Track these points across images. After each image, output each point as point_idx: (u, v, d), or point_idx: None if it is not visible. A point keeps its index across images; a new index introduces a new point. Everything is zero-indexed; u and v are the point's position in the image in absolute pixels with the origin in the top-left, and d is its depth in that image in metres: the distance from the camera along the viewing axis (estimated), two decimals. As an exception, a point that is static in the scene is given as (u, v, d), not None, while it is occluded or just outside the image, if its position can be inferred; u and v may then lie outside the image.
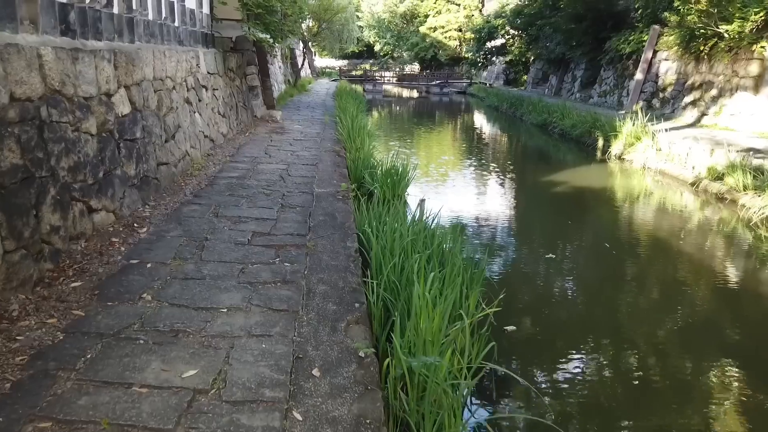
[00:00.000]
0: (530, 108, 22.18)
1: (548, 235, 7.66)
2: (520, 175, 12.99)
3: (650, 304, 5.45)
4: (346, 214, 5.71)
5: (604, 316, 5.11)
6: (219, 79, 10.35)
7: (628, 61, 19.39)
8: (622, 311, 5.27)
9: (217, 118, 9.75)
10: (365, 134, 10.58)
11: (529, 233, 7.82)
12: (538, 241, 7.35)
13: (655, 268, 6.51)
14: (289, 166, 8.03)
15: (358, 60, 61.28)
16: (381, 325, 3.74)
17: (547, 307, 5.21)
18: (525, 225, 8.33)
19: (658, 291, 5.85)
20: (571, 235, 7.72)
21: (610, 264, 6.49)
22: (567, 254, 6.78)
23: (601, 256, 6.72)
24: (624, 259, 6.68)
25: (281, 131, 11.78)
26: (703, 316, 5.19)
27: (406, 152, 14.60)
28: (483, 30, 35.05)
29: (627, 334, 4.76)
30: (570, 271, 6.27)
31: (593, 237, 7.67)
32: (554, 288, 5.77)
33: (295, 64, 26.83)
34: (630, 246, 7.21)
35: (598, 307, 5.34)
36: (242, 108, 12.20)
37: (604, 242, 7.18)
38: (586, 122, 15.85)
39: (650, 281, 6.08)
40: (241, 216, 5.38)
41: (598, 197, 10.26)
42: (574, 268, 6.35)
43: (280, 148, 9.56)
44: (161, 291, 3.58)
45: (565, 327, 4.82)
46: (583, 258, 6.77)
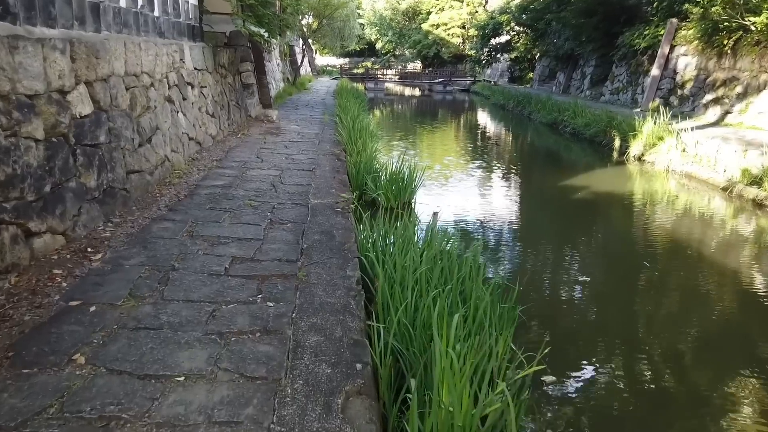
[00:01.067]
0: (539, 106, 21.29)
1: (577, 252, 6.78)
2: (533, 179, 12.10)
3: (727, 348, 4.56)
4: (346, 231, 4.84)
5: (666, 361, 4.22)
6: (208, 76, 9.49)
7: (643, 57, 18.48)
8: (695, 357, 4.37)
9: (204, 119, 8.89)
10: (367, 135, 9.71)
11: (554, 250, 6.94)
12: (567, 260, 6.47)
13: (712, 293, 5.61)
14: (283, 172, 7.15)
15: (360, 58, 60.39)
16: (390, 387, 2.88)
17: (593, 349, 4.32)
18: (548, 240, 7.45)
19: (729, 325, 4.95)
20: (603, 252, 6.84)
21: (654, 288, 5.60)
22: (603, 276, 5.89)
23: (642, 279, 5.83)
24: (669, 282, 5.79)
25: (277, 132, 10.92)
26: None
27: (410, 153, 13.73)
28: (487, 26, 34.13)
29: (721, 400, 3.88)
30: (610, 297, 5.38)
31: (628, 254, 6.77)
32: (597, 320, 4.87)
33: (294, 62, 25.96)
34: (672, 266, 6.32)
35: (656, 347, 4.45)
36: (235, 107, 11.34)
37: (643, 261, 6.29)
38: (601, 121, 14.96)
39: (714, 311, 5.18)
40: (221, 236, 4.51)
41: (624, 205, 9.37)
42: (613, 294, 5.47)
43: (274, 151, 8.69)
44: (100, 349, 2.72)
45: (617, 377, 3.95)
46: (620, 279, 5.89)
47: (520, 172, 12.43)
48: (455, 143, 16.86)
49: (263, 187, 6.30)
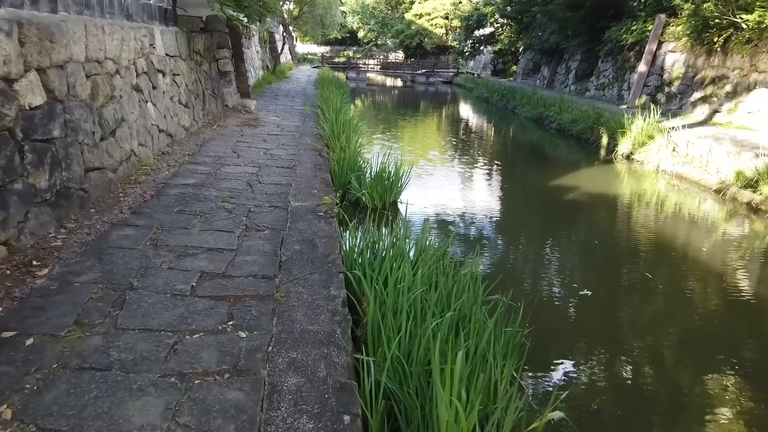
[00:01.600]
0: (524, 100, 20.98)
1: (574, 261, 6.42)
2: (519, 177, 11.76)
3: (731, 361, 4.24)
4: (330, 241, 4.39)
5: (692, 389, 3.87)
6: (181, 63, 8.89)
7: (630, 53, 18.25)
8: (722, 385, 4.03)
9: (177, 109, 8.31)
10: (351, 129, 9.23)
11: (549, 259, 6.58)
12: (563, 271, 6.10)
13: (720, 308, 5.30)
14: (261, 169, 6.65)
15: (341, 47, 59.54)
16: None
17: (601, 376, 3.95)
18: (540, 247, 7.09)
19: (744, 347, 4.64)
20: (601, 261, 6.50)
21: (658, 301, 5.27)
22: (604, 289, 5.53)
23: (645, 291, 5.49)
24: (672, 293, 5.46)
25: (255, 124, 10.36)
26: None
27: (394, 146, 13.29)
28: (471, 17, 33.70)
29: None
30: (615, 313, 5.02)
31: (626, 262, 6.43)
32: (602, 341, 4.50)
33: (274, 49, 25.23)
34: (671, 276, 6.00)
35: (677, 372, 4.10)
36: (211, 96, 10.74)
37: (644, 272, 5.95)
38: (588, 117, 14.67)
39: (724, 329, 4.87)
40: (189, 246, 4.02)
41: (615, 206, 9.07)
42: (619, 309, 5.11)
43: (251, 145, 8.16)
44: (32, 399, 2.24)
45: (635, 410, 3.58)
46: (624, 293, 5.54)
47: (506, 170, 12.07)
48: (439, 137, 16.45)
49: (239, 186, 5.80)
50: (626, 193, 9.93)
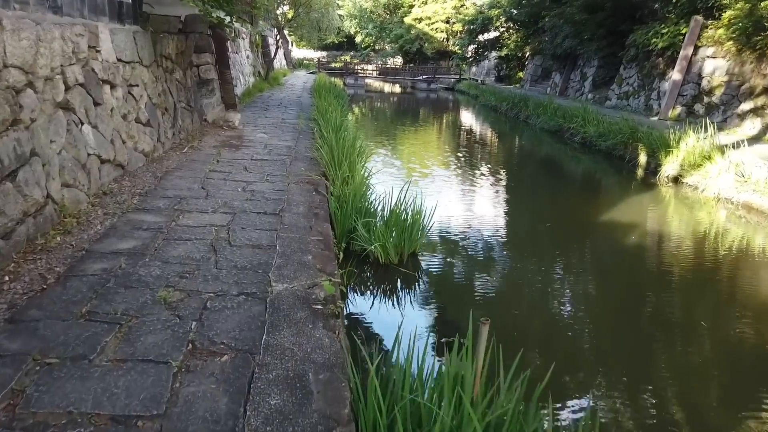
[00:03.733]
0: (539, 110, 19.22)
1: (636, 324, 4.62)
2: (556, 208, 9.94)
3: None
4: (333, 378, 2.57)
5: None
6: (142, 71, 7.07)
7: (659, 59, 16.52)
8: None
9: (133, 130, 6.48)
10: (355, 154, 7.43)
11: (606, 325, 4.78)
12: (625, 339, 4.30)
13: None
14: (234, 219, 4.82)
15: (338, 51, 57.83)
16: None
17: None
18: (593, 304, 5.29)
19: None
20: (665, 320, 4.70)
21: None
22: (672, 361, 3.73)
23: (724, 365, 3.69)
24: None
25: (238, 143, 8.55)
26: None
27: (398, 165, 11.49)
28: (476, 21, 32.00)
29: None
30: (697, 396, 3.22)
31: (692, 320, 4.64)
32: None
33: (267, 54, 23.44)
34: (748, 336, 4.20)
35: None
36: (185, 111, 8.92)
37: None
38: (622, 132, 12.90)
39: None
40: (79, 411, 2.19)
41: (672, 244, 7.27)
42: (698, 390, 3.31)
43: (228, 177, 6.34)
44: None
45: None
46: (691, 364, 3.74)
47: (536, 197, 10.26)
48: (451, 154, 14.66)
49: (197, 253, 3.96)
50: (684, 229, 8.12)
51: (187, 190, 5.62)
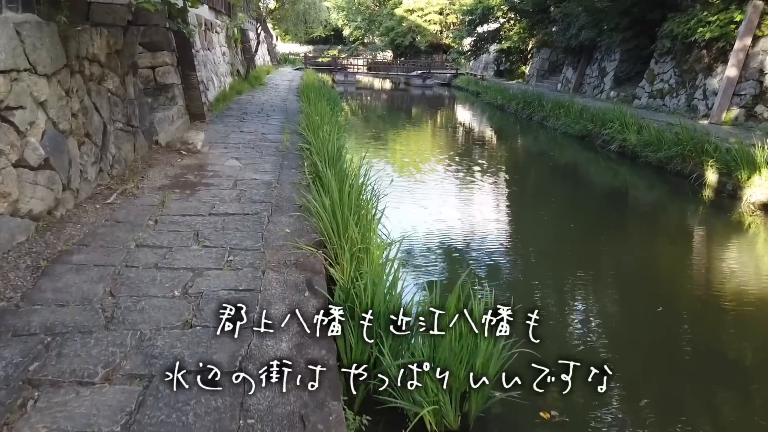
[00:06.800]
0: (559, 111, 16.83)
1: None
2: (606, 244, 7.53)
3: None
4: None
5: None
6: (36, 84, 4.54)
7: (702, 51, 14.19)
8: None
9: (8, 181, 3.99)
10: (368, 205, 4.97)
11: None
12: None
13: None
14: (149, 397, 2.39)
15: (325, 45, 55.14)
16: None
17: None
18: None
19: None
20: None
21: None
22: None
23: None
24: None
25: (196, 180, 6.08)
26: None
27: (405, 186, 9.06)
28: (476, 11, 29.53)
29: None
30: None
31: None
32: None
33: (247, 50, 20.82)
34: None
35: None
36: (122, 133, 6.41)
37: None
38: (680, 142, 10.55)
39: None
40: None
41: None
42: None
43: (163, 260, 3.87)
44: None
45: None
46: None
47: (581, 231, 7.86)
48: (464, 171, 12.23)
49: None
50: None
51: (79, 304, 3.15)
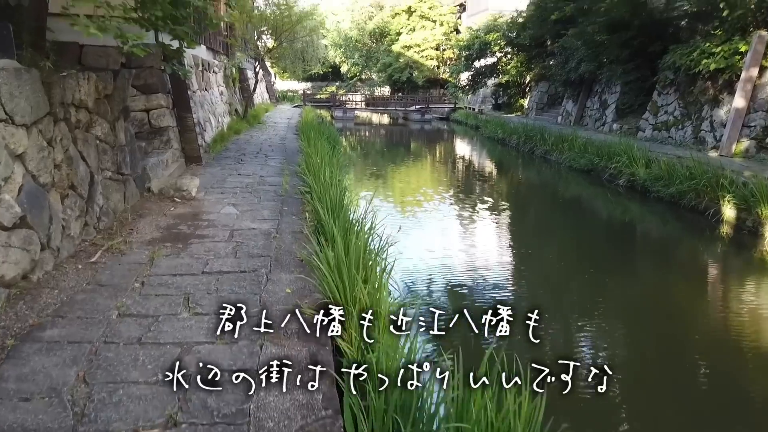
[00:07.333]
0: (562, 145, 16.58)
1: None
2: (626, 284, 7.05)
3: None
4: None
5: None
6: (14, 135, 4.16)
7: (708, 82, 13.99)
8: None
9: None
10: (371, 248, 4.53)
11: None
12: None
13: None
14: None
15: (323, 82, 55.51)
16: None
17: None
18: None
19: None
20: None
21: None
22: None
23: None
24: None
25: (189, 232, 5.66)
26: None
27: (410, 225, 8.63)
28: (472, 46, 29.65)
29: None
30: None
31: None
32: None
33: (245, 89, 20.70)
34: None
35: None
36: (111, 183, 6.02)
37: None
38: (693, 176, 10.19)
39: None
40: None
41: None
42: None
43: (148, 332, 3.41)
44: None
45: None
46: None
47: (599, 272, 7.39)
48: (474, 210, 11.86)
49: None
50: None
51: (46, 397, 2.67)
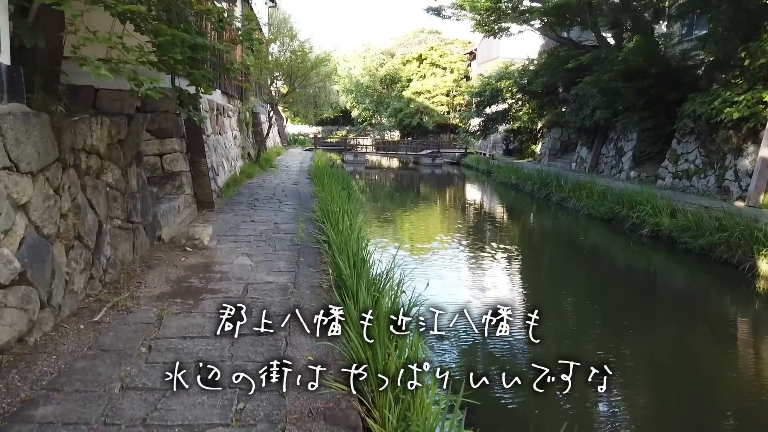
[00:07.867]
0: (579, 192, 16.23)
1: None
2: (662, 344, 6.53)
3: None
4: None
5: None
6: (19, 184, 3.86)
7: (730, 131, 13.72)
8: None
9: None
10: (399, 306, 4.12)
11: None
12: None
13: None
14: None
15: (334, 126, 56.08)
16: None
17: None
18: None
19: None
20: None
21: None
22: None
23: None
24: None
25: (201, 285, 5.28)
26: None
27: (430, 275, 8.20)
28: (484, 93, 29.79)
29: None
30: None
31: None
32: None
33: (258, 133, 20.68)
34: None
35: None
36: (120, 231, 5.69)
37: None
38: (724, 228, 9.77)
39: None
40: None
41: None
42: None
43: (158, 407, 2.99)
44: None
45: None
46: None
47: (633, 330, 6.88)
48: (495, 260, 11.44)
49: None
50: None
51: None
